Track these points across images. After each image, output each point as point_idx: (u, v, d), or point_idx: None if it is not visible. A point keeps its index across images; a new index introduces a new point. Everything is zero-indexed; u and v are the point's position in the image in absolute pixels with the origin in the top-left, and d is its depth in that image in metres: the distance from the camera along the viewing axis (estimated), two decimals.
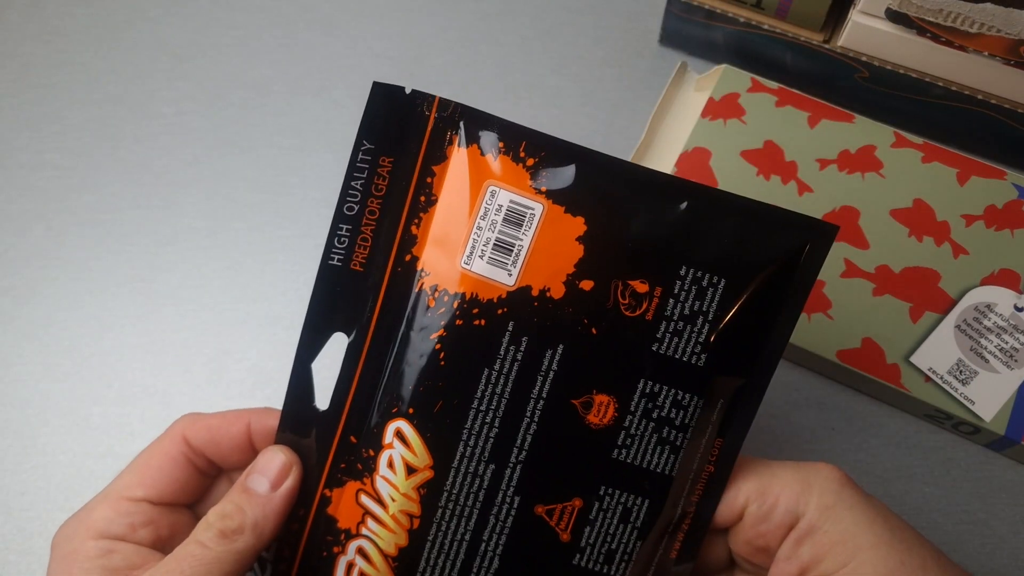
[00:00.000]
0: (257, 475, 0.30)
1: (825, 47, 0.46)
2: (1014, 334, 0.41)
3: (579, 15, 0.53)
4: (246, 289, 0.46)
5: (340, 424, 0.31)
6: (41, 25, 0.53)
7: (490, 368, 0.29)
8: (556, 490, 0.30)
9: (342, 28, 0.53)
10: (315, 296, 0.30)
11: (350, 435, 0.31)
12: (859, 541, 0.29)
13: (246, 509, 0.29)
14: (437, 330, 0.29)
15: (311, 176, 0.49)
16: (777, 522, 0.30)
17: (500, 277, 0.29)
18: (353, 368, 0.30)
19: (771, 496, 0.30)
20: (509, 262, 0.29)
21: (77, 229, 0.47)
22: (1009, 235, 0.43)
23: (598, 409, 0.29)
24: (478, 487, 0.30)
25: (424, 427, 0.30)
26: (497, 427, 0.29)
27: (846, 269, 0.43)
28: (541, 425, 0.29)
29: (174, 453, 0.31)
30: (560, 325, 0.29)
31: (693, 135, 0.46)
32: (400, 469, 0.30)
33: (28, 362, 0.44)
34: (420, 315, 0.30)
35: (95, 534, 0.30)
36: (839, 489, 0.29)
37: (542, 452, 0.29)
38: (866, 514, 0.29)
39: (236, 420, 0.32)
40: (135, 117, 0.50)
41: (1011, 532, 0.40)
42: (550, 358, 0.29)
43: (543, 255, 0.29)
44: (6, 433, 0.43)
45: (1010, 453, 0.41)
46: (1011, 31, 0.40)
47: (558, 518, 0.30)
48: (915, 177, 0.44)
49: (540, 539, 0.30)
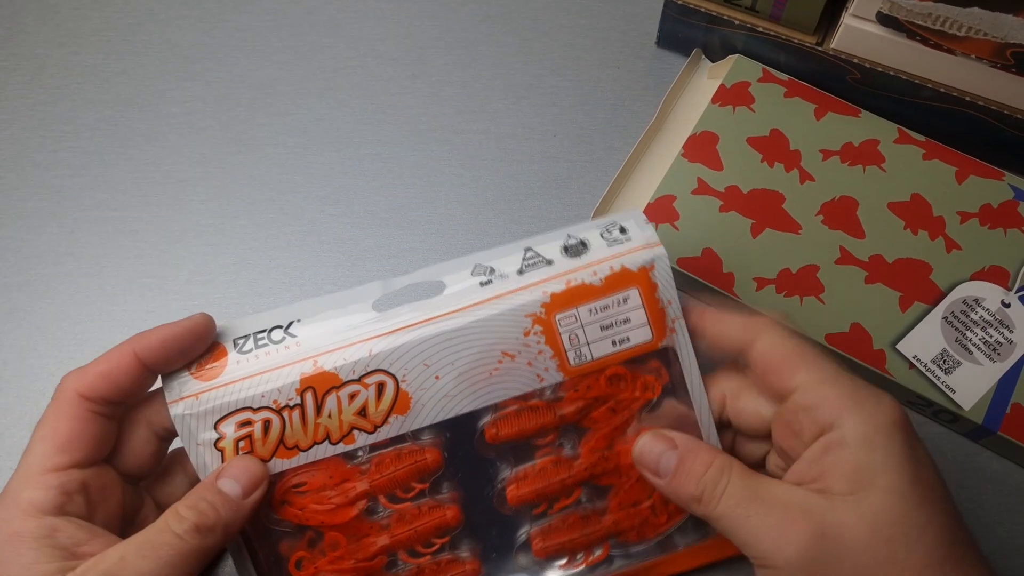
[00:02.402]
0: (231, 480, 0.32)
1: (818, 49, 0.47)
2: (999, 328, 0.42)
3: (578, 17, 0.54)
4: (253, 285, 0.47)
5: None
6: (55, 28, 0.54)
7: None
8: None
9: (346, 30, 0.54)
10: None
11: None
12: (876, 479, 0.29)
13: (220, 510, 0.31)
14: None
15: (316, 175, 0.50)
16: (815, 419, 0.30)
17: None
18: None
19: (820, 394, 0.30)
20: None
21: (89, 226, 0.49)
22: (1002, 234, 0.44)
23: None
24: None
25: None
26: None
27: (840, 256, 0.44)
28: None
29: (79, 412, 0.32)
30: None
31: (702, 119, 0.47)
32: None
33: (42, 356, 0.46)
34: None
35: (32, 512, 0.30)
36: (888, 425, 0.30)
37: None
38: (899, 459, 0.29)
39: (121, 355, 0.32)
40: (145, 117, 0.51)
41: (996, 522, 0.41)
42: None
43: None
44: (20, 425, 0.44)
45: (988, 443, 0.42)
46: (998, 34, 0.41)
47: None
48: (915, 173, 0.45)
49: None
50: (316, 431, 0.33)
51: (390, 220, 0.49)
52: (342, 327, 0.34)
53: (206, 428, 0.33)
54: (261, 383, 0.33)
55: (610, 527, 0.35)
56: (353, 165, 0.50)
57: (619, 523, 0.35)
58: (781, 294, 0.43)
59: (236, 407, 0.33)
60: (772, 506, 0.30)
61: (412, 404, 0.33)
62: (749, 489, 0.31)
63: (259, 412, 0.33)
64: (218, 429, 0.33)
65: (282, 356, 0.34)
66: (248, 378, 0.33)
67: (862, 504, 0.29)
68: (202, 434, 0.33)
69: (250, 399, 0.33)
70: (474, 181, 0.49)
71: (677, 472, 0.32)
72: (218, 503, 0.31)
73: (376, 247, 0.48)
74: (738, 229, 0.45)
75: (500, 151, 0.50)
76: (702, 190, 0.46)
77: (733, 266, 0.44)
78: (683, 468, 0.32)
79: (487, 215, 0.49)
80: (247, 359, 0.34)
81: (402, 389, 0.33)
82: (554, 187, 0.49)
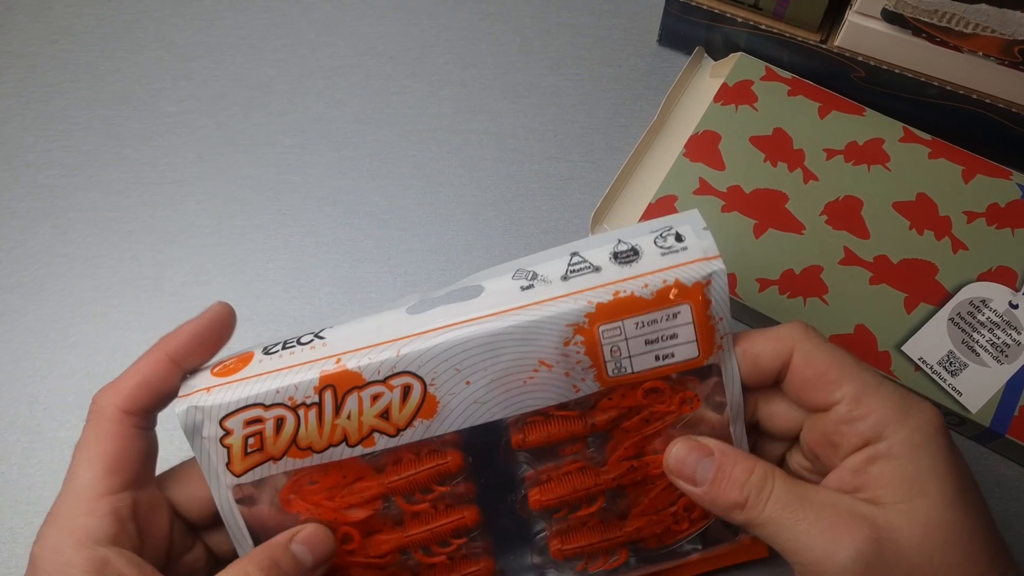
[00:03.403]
0: (304, 548, 0.31)
1: (822, 47, 0.47)
2: (1007, 330, 0.41)
3: (579, 15, 0.54)
4: (250, 286, 0.47)
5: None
6: (48, 25, 0.53)
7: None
8: None
9: (344, 28, 0.53)
10: None
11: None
12: (926, 487, 0.29)
13: (288, 572, 0.30)
14: None
15: (314, 175, 0.49)
16: (859, 431, 0.30)
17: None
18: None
19: (865, 406, 0.30)
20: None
21: (83, 227, 0.48)
22: (1010, 234, 0.43)
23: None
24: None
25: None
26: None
27: (844, 256, 0.43)
28: None
29: (124, 429, 0.31)
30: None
31: (704, 118, 0.47)
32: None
33: (35, 358, 0.45)
34: None
35: (86, 542, 0.29)
36: (933, 433, 0.30)
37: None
38: (945, 467, 0.29)
39: (155, 361, 0.32)
40: (140, 116, 0.51)
41: (1004, 527, 0.40)
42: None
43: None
44: (13, 428, 0.43)
45: (995, 447, 0.41)
46: (1006, 31, 0.41)
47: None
48: (920, 172, 0.45)
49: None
50: (333, 432, 0.32)
51: (389, 221, 0.48)
52: (371, 327, 0.32)
53: (212, 422, 0.31)
54: (277, 379, 0.31)
55: (631, 533, 0.34)
56: (351, 165, 0.49)
57: (640, 530, 0.34)
58: (784, 295, 0.43)
59: (247, 403, 0.31)
60: (822, 511, 0.29)
61: (439, 409, 0.32)
62: (796, 495, 0.30)
63: (272, 409, 0.31)
64: (224, 425, 0.31)
65: (305, 355, 0.32)
66: (264, 375, 0.32)
67: (913, 511, 0.28)
68: (208, 428, 0.31)
69: (263, 395, 0.31)
70: (474, 181, 0.49)
71: (716, 479, 0.31)
72: (291, 570, 0.30)
73: (375, 248, 0.47)
74: (740, 229, 0.44)
75: (500, 151, 0.50)
76: (704, 190, 0.45)
77: (735, 267, 0.43)
78: (722, 474, 0.31)
79: (487, 215, 0.48)
80: (270, 359, 0.32)
81: (429, 393, 0.31)
82: (554, 187, 0.49)
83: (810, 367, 0.31)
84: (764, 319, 0.43)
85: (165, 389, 0.32)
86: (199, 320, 0.33)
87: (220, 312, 0.33)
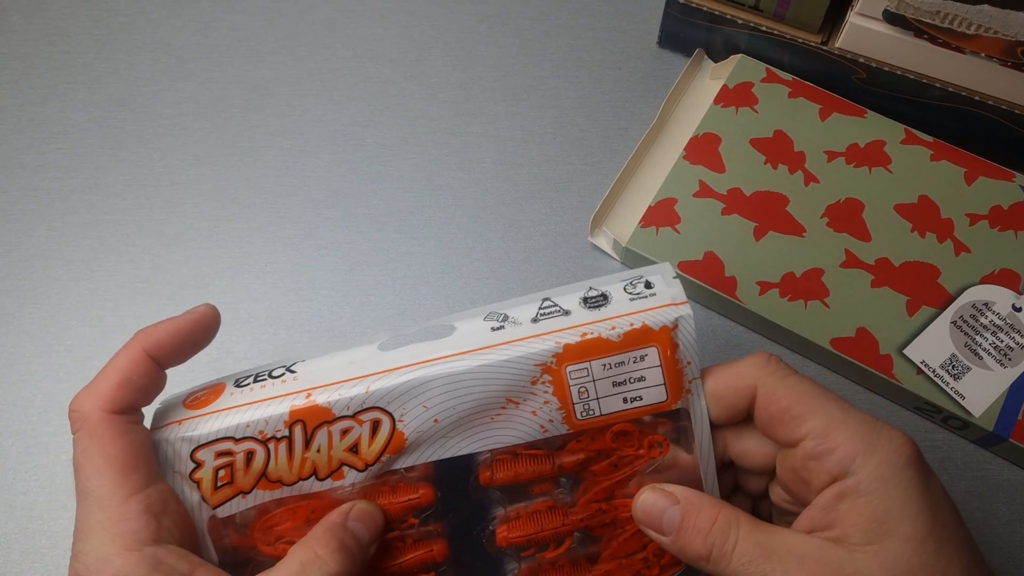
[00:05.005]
0: (361, 524, 0.31)
1: (823, 48, 0.47)
2: (1010, 333, 0.41)
3: (578, 17, 0.53)
4: (248, 289, 0.46)
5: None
6: (44, 26, 0.53)
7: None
8: None
9: (342, 30, 0.53)
10: None
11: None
12: (895, 527, 0.28)
13: (355, 553, 0.31)
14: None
15: (312, 177, 0.49)
16: (826, 467, 0.29)
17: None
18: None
19: (831, 441, 0.29)
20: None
21: (80, 230, 0.48)
22: (1013, 236, 0.43)
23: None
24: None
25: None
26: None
27: (846, 259, 0.43)
28: None
29: (120, 429, 0.30)
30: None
31: (705, 121, 0.47)
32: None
33: (31, 362, 0.45)
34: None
35: (132, 544, 0.28)
36: (903, 466, 0.29)
37: None
38: (916, 503, 0.28)
39: (132, 357, 0.31)
40: (137, 118, 0.50)
41: (1007, 532, 0.40)
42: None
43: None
44: (8, 433, 0.43)
45: (998, 451, 0.41)
46: (1008, 32, 0.40)
47: None
48: (922, 174, 0.45)
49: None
50: (303, 465, 0.32)
51: (388, 224, 0.48)
52: (342, 362, 0.33)
53: (183, 456, 0.32)
54: (248, 413, 0.32)
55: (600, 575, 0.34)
56: (350, 168, 0.49)
57: (610, 574, 0.34)
58: (785, 298, 0.42)
59: (217, 436, 0.32)
60: (788, 560, 0.29)
61: (407, 445, 0.32)
62: (761, 544, 0.29)
63: (242, 443, 0.32)
64: (195, 458, 0.32)
65: (276, 389, 0.33)
66: (235, 408, 0.32)
67: (881, 555, 0.28)
68: (179, 463, 0.32)
69: (233, 428, 0.32)
70: (473, 184, 0.49)
71: (682, 528, 0.31)
72: (354, 548, 0.30)
73: (374, 251, 0.47)
74: (741, 232, 0.44)
75: (499, 153, 0.49)
76: (704, 192, 0.45)
77: (736, 270, 0.43)
78: (687, 523, 0.31)
79: (486, 218, 0.48)
80: (241, 392, 0.33)
81: (398, 429, 0.32)
82: (554, 190, 0.48)
83: (774, 403, 0.30)
84: (765, 323, 0.43)
85: (146, 384, 0.31)
86: (182, 319, 0.32)
87: (205, 314, 0.33)
